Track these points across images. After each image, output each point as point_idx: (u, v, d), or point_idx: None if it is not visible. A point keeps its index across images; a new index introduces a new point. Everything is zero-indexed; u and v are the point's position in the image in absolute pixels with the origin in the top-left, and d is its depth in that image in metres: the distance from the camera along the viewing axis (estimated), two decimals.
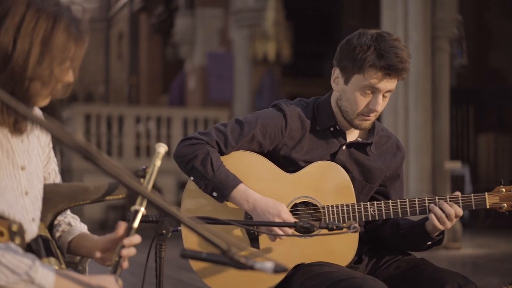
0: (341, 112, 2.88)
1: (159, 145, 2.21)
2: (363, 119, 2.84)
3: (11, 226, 1.94)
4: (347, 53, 2.80)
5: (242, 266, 1.79)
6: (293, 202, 2.86)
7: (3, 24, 1.87)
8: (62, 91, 1.99)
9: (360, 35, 2.79)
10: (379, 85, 2.76)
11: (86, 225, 2.34)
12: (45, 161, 2.22)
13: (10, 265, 1.79)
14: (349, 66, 2.80)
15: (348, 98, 2.83)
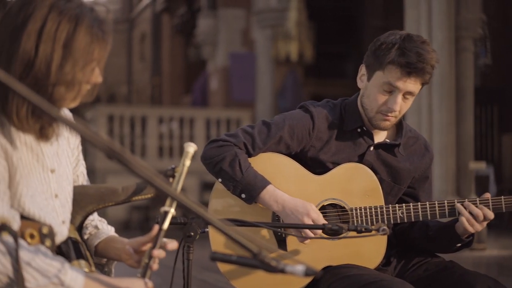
0: (364, 110, 2.87)
1: (188, 144, 2.19)
2: (382, 118, 2.81)
3: (41, 228, 1.94)
4: (374, 50, 2.79)
5: (273, 269, 1.78)
6: (320, 204, 2.84)
7: (25, 29, 1.85)
8: (90, 93, 1.98)
9: (390, 34, 2.78)
10: (397, 83, 2.74)
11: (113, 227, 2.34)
12: (74, 164, 2.22)
13: (40, 268, 1.79)
14: (372, 62, 2.79)
15: (369, 94, 2.82)
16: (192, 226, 2.36)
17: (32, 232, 1.91)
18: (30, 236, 1.90)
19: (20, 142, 1.93)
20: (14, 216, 1.85)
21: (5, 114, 1.87)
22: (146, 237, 2.13)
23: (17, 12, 1.87)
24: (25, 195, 1.91)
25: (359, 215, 2.80)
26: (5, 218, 1.77)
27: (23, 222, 1.90)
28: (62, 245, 2.05)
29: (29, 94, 1.32)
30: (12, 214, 1.84)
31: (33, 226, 1.92)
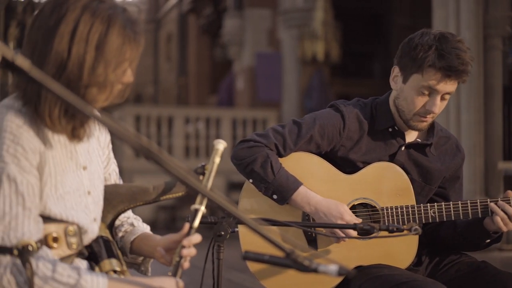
0: (398, 112, 2.84)
1: (218, 141, 2.19)
2: (419, 120, 2.78)
3: (67, 228, 1.94)
4: (408, 51, 2.74)
5: (306, 268, 1.76)
6: (351, 203, 2.82)
7: (58, 30, 1.85)
8: (122, 93, 1.98)
9: (422, 34, 2.74)
10: (437, 86, 2.71)
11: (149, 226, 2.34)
12: (105, 162, 2.22)
13: (60, 282, 1.80)
14: (408, 64, 2.75)
15: (405, 97, 2.79)
16: (223, 225, 2.36)
17: (55, 236, 1.91)
18: (53, 240, 1.91)
19: (54, 140, 1.94)
20: (38, 225, 1.85)
21: (38, 114, 1.88)
22: (177, 235, 2.12)
23: (49, 13, 1.87)
24: (52, 195, 1.91)
25: (390, 214, 2.78)
26: (26, 241, 1.78)
27: (47, 225, 1.90)
28: (94, 244, 2.05)
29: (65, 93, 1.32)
30: (36, 229, 1.84)
31: (58, 229, 1.93)
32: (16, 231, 1.79)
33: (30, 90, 1.86)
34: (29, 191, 1.83)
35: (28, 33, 1.90)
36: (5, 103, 1.91)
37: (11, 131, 1.83)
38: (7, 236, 1.78)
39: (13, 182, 1.81)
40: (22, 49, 1.90)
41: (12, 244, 1.77)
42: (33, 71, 1.28)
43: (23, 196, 1.82)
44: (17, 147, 1.83)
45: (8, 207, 1.80)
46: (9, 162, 1.81)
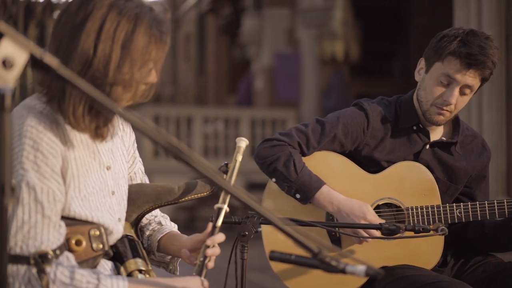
0: (419, 105, 2.81)
1: (240, 139, 2.18)
2: (436, 112, 2.75)
3: (90, 231, 1.93)
4: (435, 43, 2.74)
5: (333, 269, 1.75)
6: (375, 203, 2.80)
7: (84, 28, 1.84)
8: (146, 93, 1.96)
9: (453, 29, 2.74)
10: (456, 75, 2.67)
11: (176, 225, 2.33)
12: (131, 162, 2.21)
13: (80, 285, 1.79)
14: (431, 54, 2.74)
15: (425, 86, 2.76)
16: (247, 225, 2.34)
17: (79, 239, 1.90)
18: (76, 244, 1.90)
19: (76, 141, 1.93)
20: (59, 231, 1.84)
21: (62, 112, 1.87)
22: (202, 235, 2.11)
23: (76, 10, 1.86)
24: (76, 197, 1.90)
25: (415, 214, 2.75)
26: (42, 250, 1.77)
27: (70, 228, 1.89)
28: (119, 244, 2.05)
29: (93, 91, 1.31)
30: (56, 236, 1.83)
31: (82, 231, 1.92)
32: (35, 240, 1.78)
33: (54, 87, 1.85)
34: (49, 198, 1.82)
35: (53, 30, 1.89)
36: (26, 103, 1.90)
37: (31, 137, 1.82)
38: (25, 245, 1.77)
39: (32, 190, 1.80)
40: (48, 46, 1.89)
41: (30, 253, 1.76)
42: (61, 69, 1.27)
43: (42, 204, 1.81)
44: (37, 153, 1.81)
45: (27, 216, 1.79)
46: (29, 169, 1.80)
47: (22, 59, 1.20)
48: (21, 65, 1.20)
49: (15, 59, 1.19)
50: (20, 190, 1.79)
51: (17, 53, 1.20)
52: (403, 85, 12.61)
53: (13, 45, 1.19)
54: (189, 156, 1.42)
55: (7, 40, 1.19)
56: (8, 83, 1.19)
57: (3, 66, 1.19)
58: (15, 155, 1.80)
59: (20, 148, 1.80)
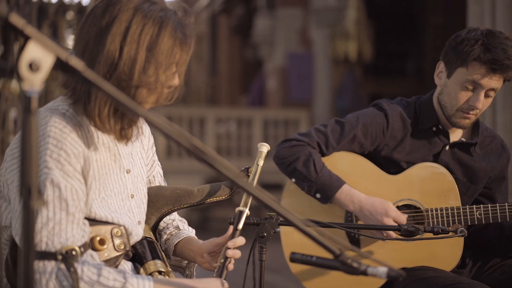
0: (442, 109, 2.79)
1: (262, 144, 2.19)
2: (462, 116, 2.74)
3: (113, 230, 1.94)
4: (454, 46, 2.71)
5: (355, 271, 1.74)
6: (395, 204, 2.79)
7: (110, 31, 1.85)
8: (170, 96, 1.97)
9: (469, 30, 2.71)
10: (482, 81, 2.66)
11: (194, 230, 2.33)
12: (150, 165, 2.21)
13: (107, 282, 1.79)
14: (453, 59, 2.71)
15: (449, 92, 2.74)
16: (265, 226, 2.34)
17: (102, 238, 1.91)
18: (100, 243, 1.91)
19: (99, 143, 1.93)
20: (84, 228, 1.85)
21: (87, 114, 1.88)
22: (221, 238, 2.12)
23: (101, 13, 1.87)
24: (96, 198, 1.91)
25: (434, 216, 2.74)
26: (69, 246, 1.77)
27: (93, 228, 1.90)
28: (138, 246, 2.05)
29: (118, 93, 1.31)
30: (81, 234, 1.83)
31: (105, 231, 1.93)
32: (60, 236, 1.78)
33: (79, 89, 1.86)
34: (73, 196, 1.83)
35: (78, 33, 1.90)
36: (49, 106, 1.92)
37: (55, 136, 1.82)
38: (51, 241, 1.77)
39: (57, 187, 1.80)
40: (73, 49, 1.90)
41: (56, 249, 1.77)
42: (87, 71, 1.27)
43: (67, 202, 1.81)
44: (61, 151, 1.82)
45: (52, 213, 1.79)
46: (53, 168, 1.81)
47: (48, 62, 1.21)
48: (48, 68, 1.20)
49: (42, 62, 1.20)
50: (45, 188, 1.79)
51: (43, 56, 1.20)
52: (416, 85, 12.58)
53: (40, 48, 1.20)
54: (213, 158, 1.42)
55: (33, 43, 1.19)
56: (34, 86, 1.19)
57: (30, 69, 1.19)
58: (39, 155, 1.81)
59: (44, 148, 1.81)
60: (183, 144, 1.38)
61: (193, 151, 1.39)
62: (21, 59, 1.19)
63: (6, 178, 1.89)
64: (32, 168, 1.20)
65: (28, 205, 1.20)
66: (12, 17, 1.17)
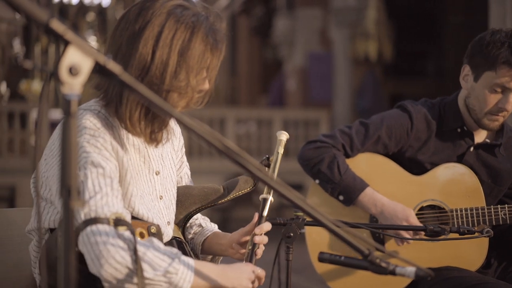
0: (469, 111, 2.80)
1: (281, 132, 2.22)
2: (491, 119, 2.75)
3: (150, 228, 1.96)
4: (480, 49, 2.71)
5: (383, 270, 1.76)
6: (419, 205, 2.80)
7: (143, 35, 1.88)
8: (200, 100, 2.00)
9: (493, 32, 2.71)
10: (511, 83, 2.67)
11: (216, 225, 2.36)
12: (178, 165, 2.24)
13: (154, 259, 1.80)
14: (480, 62, 2.71)
15: (477, 96, 2.75)
16: (292, 226, 2.36)
17: (141, 231, 1.94)
18: (140, 235, 1.93)
19: (129, 144, 1.97)
20: (127, 214, 1.87)
21: (118, 116, 1.91)
22: (248, 227, 2.16)
23: (135, 17, 1.90)
24: (135, 195, 1.95)
25: (459, 216, 2.75)
26: (119, 213, 1.79)
27: (133, 222, 1.92)
28: (167, 245, 2.08)
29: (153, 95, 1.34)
30: (125, 212, 1.86)
31: (143, 226, 1.95)
32: (109, 206, 1.79)
33: (111, 91, 1.90)
34: (115, 175, 1.86)
35: (111, 36, 1.94)
36: (82, 106, 1.95)
37: (91, 127, 1.86)
38: (101, 209, 1.78)
39: (99, 167, 1.83)
40: (106, 51, 1.94)
41: (107, 216, 1.77)
42: (124, 75, 1.31)
43: (111, 178, 1.84)
44: (98, 138, 1.86)
45: (98, 187, 1.81)
46: (91, 151, 1.84)
47: (87, 66, 1.24)
48: (87, 72, 1.24)
49: (81, 66, 1.23)
50: (86, 168, 1.81)
51: (83, 61, 1.23)
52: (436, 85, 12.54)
53: (79, 53, 1.23)
54: (243, 158, 1.45)
55: (73, 48, 1.23)
56: (74, 89, 1.23)
57: (70, 73, 1.22)
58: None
59: (81, 137, 1.84)
60: (215, 144, 1.41)
61: (224, 151, 1.42)
62: (61, 64, 1.22)
63: (45, 177, 1.92)
64: (72, 169, 1.23)
65: (67, 204, 1.23)
66: (53, 23, 1.21)
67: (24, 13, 1.19)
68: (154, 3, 1.92)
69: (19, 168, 12.49)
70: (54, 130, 1.95)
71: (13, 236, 2.32)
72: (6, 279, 2.24)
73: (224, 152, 1.43)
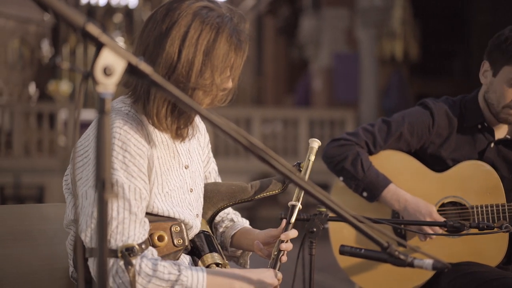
0: (488, 106, 2.85)
1: (313, 140, 2.28)
2: (508, 113, 2.79)
3: (172, 228, 2.04)
4: (498, 45, 2.76)
5: (402, 262, 1.80)
6: (441, 201, 2.85)
7: (169, 35, 1.97)
8: (224, 98, 2.07)
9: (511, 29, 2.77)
10: None
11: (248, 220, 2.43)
12: (205, 161, 2.33)
13: (162, 279, 1.89)
14: (498, 58, 2.77)
15: (495, 90, 2.80)
16: (315, 222, 2.43)
17: (161, 235, 2.01)
18: (158, 239, 2.01)
19: (158, 141, 2.05)
20: (144, 227, 1.95)
21: (145, 113, 2.00)
22: (275, 230, 2.22)
23: (162, 18, 1.99)
24: (159, 193, 2.02)
25: (479, 212, 2.80)
26: (129, 244, 1.87)
27: (153, 225, 2.00)
28: (196, 239, 2.16)
29: (180, 93, 1.42)
30: (142, 232, 1.93)
31: (164, 227, 2.03)
32: (123, 234, 1.88)
33: (139, 89, 1.99)
34: (136, 196, 1.93)
35: (139, 36, 2.02)
36: (112, 106, 2.03)
37: (120, 138, 1.93)
38: (114, 239, 1.87)
39: (121, 188, 1.90)
40: (134, 51, 2.02)
41: (118, 246, 1.86)
42: (154, 75, 1.39)
43: (130, 202, 1.91)
44: (125, 153, 1.92)
45: (116, 212, 1.89)
46: (118, 169, 1.91)
47: (121, 67, 1.32)
48: (120, 73, 1.32)
49: (114, 67, 1.31)
50: None
51: (116, 62, 1.32)
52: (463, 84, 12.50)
53: (113, 55, 1.32)
54: (269, 155, 1.52)
55: (107, 50, 1.31)
56: (108, 89, 1.31)
57: (104, 74, 1.31)
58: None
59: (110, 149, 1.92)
60: (241, 141, 1.49)
61: (250, 148, 1.49)
62: (96, 65, 1.30)
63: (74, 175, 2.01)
64: (106, 163, 1.31)
65: (102, 197, 1.32)
66: (89, 27, 1.29)
67: (62, 17, 1.27)
68: (180, 4, 2.00)
69: (47, 167, 12.68)
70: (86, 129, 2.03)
71: (47, 230, 2.41)
72: (42, 271, 2.33)
73: (249, 148, 1.50)
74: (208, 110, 1.57)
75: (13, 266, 2.30)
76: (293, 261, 2.46)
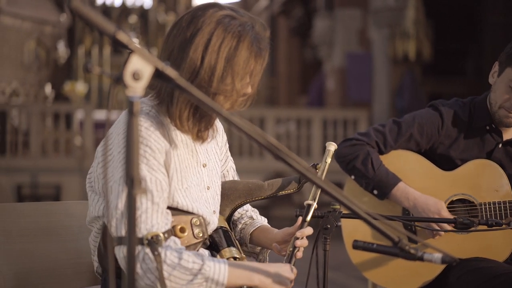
0: (490, 105, 2.94)
1: (330, 143, 2.38)
2: (504, 115, 2.88)
3: (192, 220, 2.14)
4: (509, 47, 2.86)
5: (412, 256, 1.89)
6: (450, 199, 2.94)
7: (193, 41, 2.07)
8: (243, 103, 2.17)
9: None
10: None
11: (266, 218, 2.53)
12: (223, 160, 2.43)
13: (185, 268, 1.98)
14: (503, 59, 2.87)
15: (496, 89, 2.90)
16: (329, 219, 2.52)
17: (183, 226, 2.11)
18: (180, 231, 2.10)
19: (178, 140, 2.15)
20: (167, 217, 2.05)
21: (169, 115, 2.10)
22: (292, 228, 2.31)
23: (187, 25, 2.09)
24: (180, 189, 2.12)
25: (487, 210, 2.88)
26: (154, 232, 1.95)
27: (175, 218, 2.10)
28: (214, 235, 2.26)
29: (203, 96, 1.52)
30: (164, 221, 2.03)
31: (185, 220, 2.13)
32: (146, 223, 1.98)
33: (164, 91, 2.09)
34: (157, 187, 2.02)
35: (165, 41, 2.13)
36: None
37: (141, 134, 2.02)
38: (138, 228, 1.96)
39: (143, 180, 2.00)
40: (159, 56, 2.13)
41: (143, 235, 1.95)
42: (179, 79, 1.49)
43: (152, 193, 2.01)
44: (146, 148, 2.03)
45: (139, 202, 1.99)
46: (139, 162, 2.02)
47: (148, 72, 1.43)
48: (148, 77, 1.43)
49: (143, 72, 1.42)
50: None
51: (144, 67, 1.42)
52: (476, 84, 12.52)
53: (141, 60, 1.42)
54: (287, 154, 1.62)
55: (136, 56, 1.41)
56: (137, 92, 1.42)
57: (133, 78, 1.41)
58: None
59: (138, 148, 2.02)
60: (260, 142, 1.58)
61: (269, 148, 1.59)
62: (126, 70, 1.41)
63: (98, 172, 2.12)
64: (134, 161, 1.42)
65: (131, 193, 1.42)
66: (119, 35, 1.40)
67: (95, 26, 1.38)
68: (205, 12, 2.10)
69: (64, 167, 12.82)
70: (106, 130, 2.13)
71: (72, 227, 2.52)
72: (68, 266, 2.44)
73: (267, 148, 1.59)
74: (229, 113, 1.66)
75: (40, 261, 2.41)
76: (306, 260, 2.54)
